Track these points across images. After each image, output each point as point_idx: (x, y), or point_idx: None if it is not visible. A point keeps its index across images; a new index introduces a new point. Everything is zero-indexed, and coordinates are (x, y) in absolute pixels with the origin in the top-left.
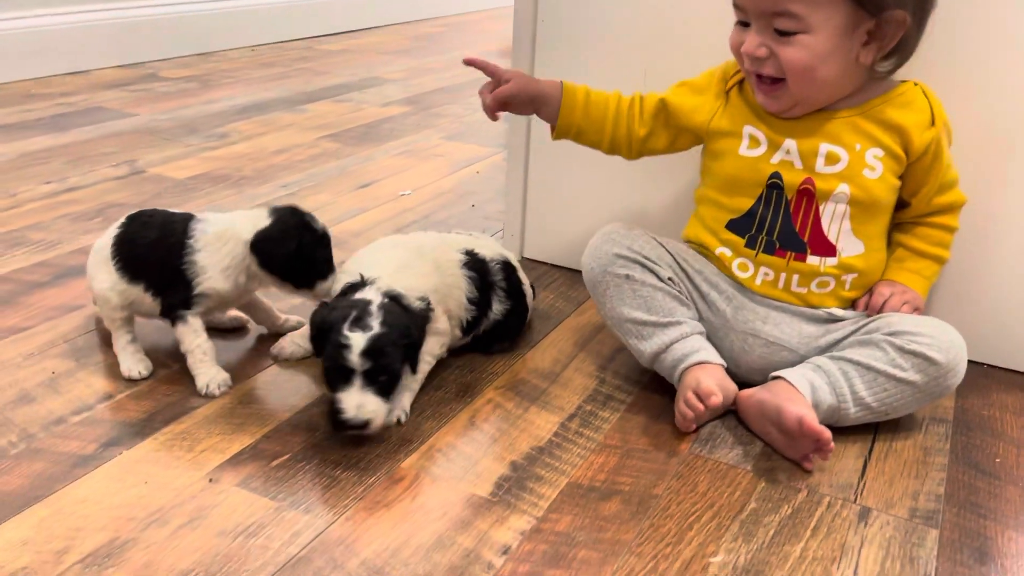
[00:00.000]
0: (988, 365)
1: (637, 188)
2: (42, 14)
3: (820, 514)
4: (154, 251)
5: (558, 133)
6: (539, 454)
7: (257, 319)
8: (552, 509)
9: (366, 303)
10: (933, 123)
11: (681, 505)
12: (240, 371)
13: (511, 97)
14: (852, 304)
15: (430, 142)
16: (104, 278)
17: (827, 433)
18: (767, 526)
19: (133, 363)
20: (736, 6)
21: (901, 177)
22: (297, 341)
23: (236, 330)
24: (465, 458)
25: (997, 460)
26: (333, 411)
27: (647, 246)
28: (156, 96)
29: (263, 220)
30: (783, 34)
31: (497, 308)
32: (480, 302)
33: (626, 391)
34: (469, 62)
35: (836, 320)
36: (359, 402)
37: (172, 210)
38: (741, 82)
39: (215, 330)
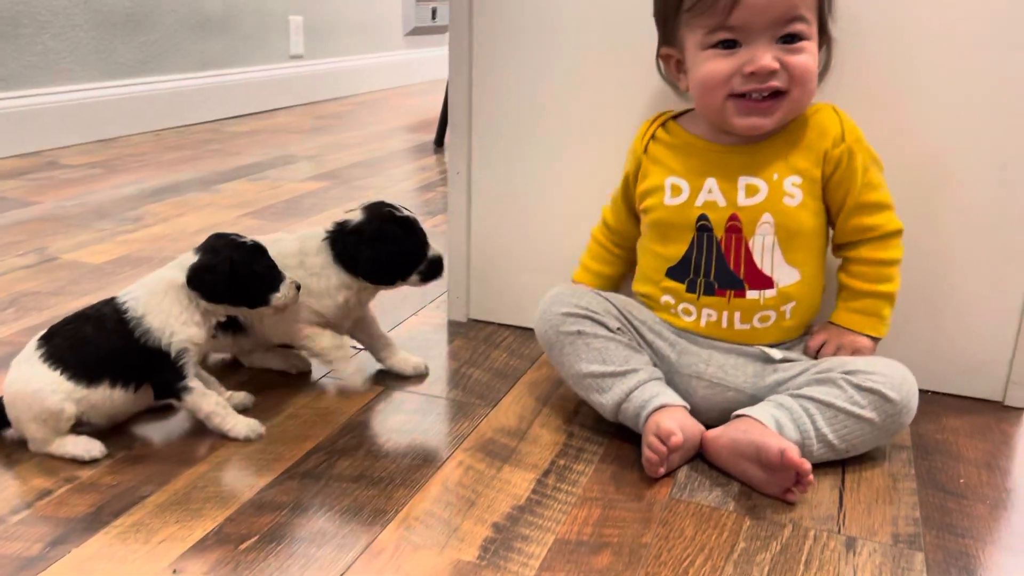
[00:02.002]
0: (932, 392)
1: (581, 245)
2: None
3: (809, 547)
4: (102, 344)
5: None
6: (520, 513)
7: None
8: (544, 567)
9: (379, 203)
10: (843, 139)
11: (672, 551)
12: (189, 454)
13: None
14: (808, 332)
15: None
16: (48, 396)
17: (807, 465)
18: (760, 564)
19: (87, 444)
20: (727, 27)
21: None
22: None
23: (165, 409)
24: (444, 523)
25: (961, 480)
26: (438, 261)
27: (593, 301)
28: (59, 183)
29: (190, 258)
30: (789, 42)
31: None
32: None
33: (596, 442)
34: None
35: (772, 361)
36: None
37: (84, 307)
38: (654, 134)
39: (148, 413)
